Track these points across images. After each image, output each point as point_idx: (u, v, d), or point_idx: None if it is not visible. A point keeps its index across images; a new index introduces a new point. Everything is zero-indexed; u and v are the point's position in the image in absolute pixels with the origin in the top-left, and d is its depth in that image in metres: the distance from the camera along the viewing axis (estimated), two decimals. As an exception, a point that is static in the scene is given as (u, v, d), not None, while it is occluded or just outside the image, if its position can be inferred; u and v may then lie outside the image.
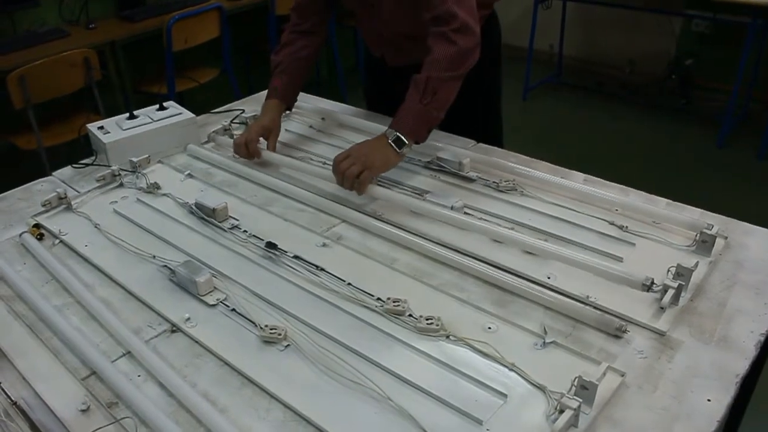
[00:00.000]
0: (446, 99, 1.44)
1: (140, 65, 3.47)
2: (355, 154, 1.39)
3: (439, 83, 1.40)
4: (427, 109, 1.41)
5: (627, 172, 1.88)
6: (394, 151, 1.40)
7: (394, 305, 1.06)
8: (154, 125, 1.64)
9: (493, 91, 1.88)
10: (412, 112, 1.42)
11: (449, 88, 1.43)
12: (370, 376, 0.93)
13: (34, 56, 2.78)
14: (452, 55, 1.40)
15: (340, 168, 1.37)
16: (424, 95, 1.40)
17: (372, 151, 1.40)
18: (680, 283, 1.05)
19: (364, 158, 1.37)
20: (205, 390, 0.94)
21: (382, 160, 1.40)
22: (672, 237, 1.24)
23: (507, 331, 1.03)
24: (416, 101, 1.41)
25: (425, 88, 1.40)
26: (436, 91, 1.40)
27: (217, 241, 1.29)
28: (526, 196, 1.40)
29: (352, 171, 1.35)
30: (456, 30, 1.40)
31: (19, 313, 1.12)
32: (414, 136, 1.43)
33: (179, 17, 3.19)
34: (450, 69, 1.41)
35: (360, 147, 1.42)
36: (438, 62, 1.40)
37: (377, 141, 1.42)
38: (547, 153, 1.64)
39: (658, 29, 4.31)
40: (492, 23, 1.78)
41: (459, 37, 1.40)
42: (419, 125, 1.43)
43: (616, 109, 4.28)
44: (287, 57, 1.69)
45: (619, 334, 1.00)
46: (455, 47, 1.40)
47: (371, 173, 1.37)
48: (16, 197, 1.51)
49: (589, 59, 4.77)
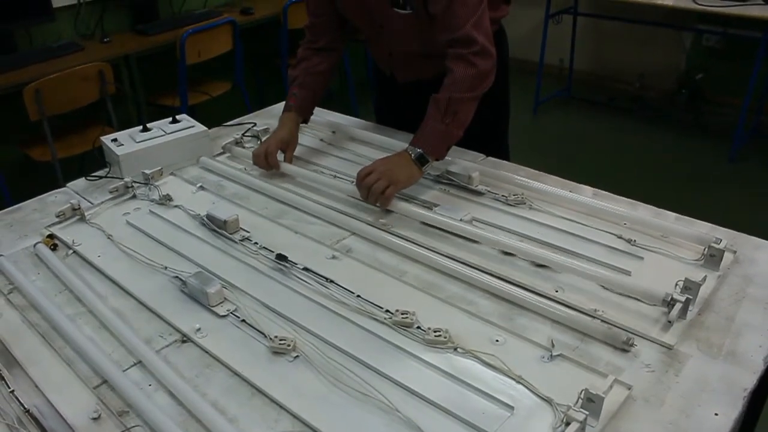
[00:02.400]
0: (466, 119, 1.48)
1: (154, 78, 3.52)
2: (380, 169, 1.42)
3: (459, 104, 1.45)
4: (448, 129, 1.46)
5: (637, 187, 1.89)
6: (417, 167, 1.44)
7: (403, 317, 1.07)
8: (166, 138, 1.67)
9: (500, 106, 1.89)
10: (433, 131, 1.46)
11: (468, 108, 1.48)
12: (378, 387, 0.94)
13: (50, 70, 2.82)
14: (473, 76, 1.45)
15: (366, 183, 1.40)
16: (445, 115, 1.45)
17: (396, 167, 1.43)
18: (688, 297, 1.06)
19: (389, 173, 1.40)
20: (214, 400, 0.95)
21: (406, 176, 1.43)
22: (680, 251, 1.25)
23: (514, 343, 1.04)
24: (438, 120, 1.45)
25: (446, 108, 1.44)
26: (456, 112, 1.45)
27: (228, 253, 1.30)
28: (534, 210, 1.41)
29: (378, 186, 1.39)
30: (475, 53, 1.45)
31: (32, 322, 1.14)
32: (435, 154, 1.47)
33: (193, 31, 3.24)
34: (470, 90, 1.46)
35: (384, 162, 1.44)
36: (459, 83, 1.45)
37: (400, 157, 1.46)
38: (557, 167, 1.64)
39: (668, 44, 4.32)
40: (500, 39, 1.80)
41: (478, 60, 1.45)
42: (440, 144, 1.48)
43: (626, 123, 4.28)
44: (303, 72, 1.73)
45: (627, 347, 1.01)
46: (475, 69, 1.45)
47: (396, 188, 1.41)
48: (31, 208, 1.54)
49: (600, 73, 4.79)
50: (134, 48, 3.28)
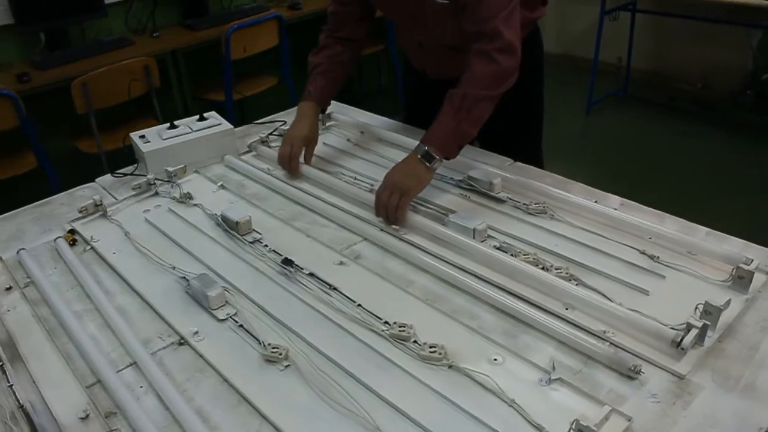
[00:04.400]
0: (480, 117, 1.41)
1: (201, 73, 3.57)
2: (388, 183, 1.37)
3: (474, 101, 1.38)
4: (460, 126, 1.39)
5: (689, 194, 1.78)
6: (424, 166, 1.38)
7: (400, 330, 1.04)
8: (192, 135, 1.68)
9: (534, 109, 1.83)
10: (444, 128, 1.40)
11: (485, 107, 1.41)
12: (365, 403, 0.91)
13: (100, 64, 2.90)
14: (492, 73, 1.39)
15: (380, 201, 1.36)
16: (459, 111, 1.38)
17: (403, 176, 1.38)
18: (705, 323, 0.98)
19: (399, 185, 1.35)
20: (200, 406, 0.95)
21: (415, 182, 1.38)
22: (707, 270, 1.17)
23: (513, 364, 0.99)
24: (450, 117, 1.39)
25: (461, 104, 1.38)
26: (471, 108, 1.38)
27: (238, 255, 1.30)
28: (555, 220, 1.35)
29: (392, 202, 1.34)
30: (499, 49, 1.38)
31: (41, 317, 1.16)
32: (444, 152, 1.41)
33: (238, 27, 3.26)
34: (488, 87, 1.39)
35: (391, 174, 1.40)
36: (477, 79, 1.39)
37: (406, 163, 1.41)
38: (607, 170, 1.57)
39: (733, 42, 4.11)
40: (535, 39, 1.73)
41: (502, 57, 1.38)
42: (451, 141, 1.41)
43: (686, 125, 4.09)
44: (326, 59, 1.69)
45: (632, 375, 0.95)
46: (496, 66, 1.38)
47: (408, 198, 1.36)
48: (59, 202, 1.57)
49: (659, 72, 4.60)
50: (182, 43, 3.34)
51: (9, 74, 2.98)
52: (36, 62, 3.08)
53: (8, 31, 3.14)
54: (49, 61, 3.09)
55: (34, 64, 3.08)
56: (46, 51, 3.24)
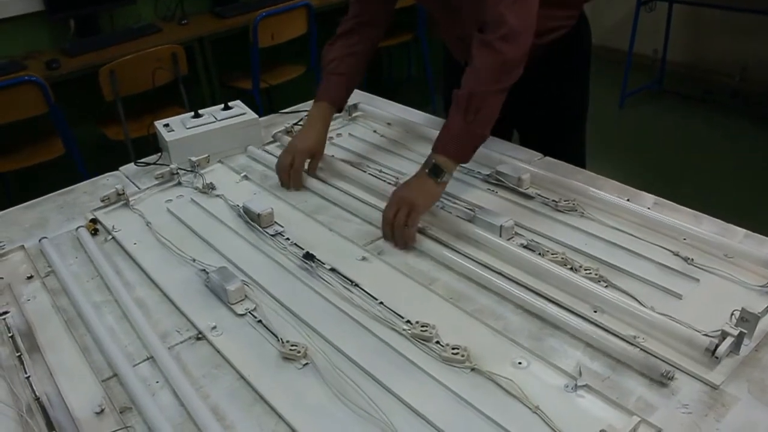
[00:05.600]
0: (491, 116, 1.31)
1: (229, 60, 3.56)
2: (395, 199, 1.29)
3: (482, 99, 1.28)
4: (470, 129, 1.30)
5: (726, 192, 1.71)
6: (434, 181, 1.29)
7: (422, 330, 1.01)
8: (216, 125, 1.66)
9: (577, 105, 1.73)
10: (455, 135, 1.30)
11: (493, 104, 1.30)
12: (383, 405, 0.89)
13: (127, 51, 2.91)
14: (495, 65, 1.27)
15: (386, 219, 1.28)
16: (467, 113, 1.28)
17: (410, 191, 1.29)
18: (741, 331, 0.94)
19: (407, 200, 1.27)
20: (216, 403, 0.93)
21: (423, 198, 1.29)
22: (744, 274, 1.12)
23: (538, 368, 0.95)
24: (459, 120, 1.29)
25: (467, 105, 1.28)
26: (479, 109, 1.28)
27: (259, 248, 1.28)
28: (586, 218, 1.30)
29: (399, 218, 1.25)
30: (502, 37, 1.26)
31: (60, 307, 1.16)
32: (458, 159, 1.32)
33: (266, 14, 3.25)
34: (493, 82, 1.28)
35: (398, 191, 1.32)
36: (480, 74, 1.29)
37: (415, 179, 1.32)
38: (641, 167, 1.51)
39: (775, 34, 3.98)
40: (581, 28, 1.63)
41: (505, 46, 1.26)
42: (463, 147, 1.32)
43: (723, 120, 3.97)
44: (341, 53, 1.60)
45: (664, 381, 0.91)
46: (499, 57, 1.27)
47: (417, 215, 1.26)
48: (82, 190, 1.57)
49: (695, 65, 4.48)
50: (210, 30, 3.33)
51: (39, 61, 3.01)
52: (65, 49, 3.11)
53: (38, 18, 3.17)
54: (78, 48, 3.11)
55: (63, 51, 3.10)
56: (76, 38, 3.26)
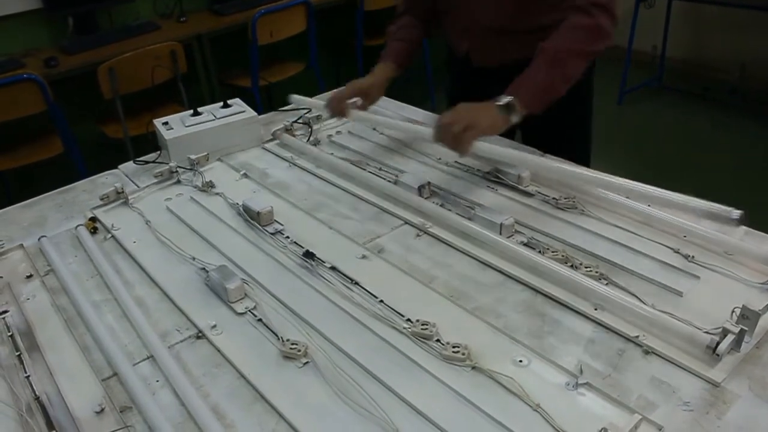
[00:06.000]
0: (573, 74, 1.35)
1: (228, 58, 3.56)
2: (456, 115, 1.32)
3: (569, 55, 1.33)
4: (552, 81, 1.33)
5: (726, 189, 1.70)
6: (501, 115, 1.32)
7: (422, 328, 1.01)
8: (216, 123, 1.65)
9: (585, 101, 1.74)
10: (534, 81, 1.34)
11: (578, 64, 1.35)
12: (384, 404, 0.89)
13: (126, 49, 2.91)
14: (589, 27, 1.33)
15: (442, 126, 1.31)
16: (552, 65, 1.32)
17: (477, 112, 1.32)
18: (742, 328, 0.94)
19: (469, 117, 1.30)
20: (216, 402, 0.93)
21: (488, 122, 1.31)
22: (745, 271, 1.11)
23: (539, 366, 0.95)
24: (542, 71, 1.33)
25: (554, 57, 1.32)
26: (565, 63, 1.33)
27: (259, 246, 1.28)
28: (586, 216, 1.30)
29: (455, 129, 1.29)
30: (596, 5, 1.32)
31: (60, 306, 1.15)
32: (529, 106, 1.33)
33: (265, 11, 3.24)
34: (583, 42, 1.33)
35: (466, 105, 1.34)
36: (573, 31, 1.33)
37: (485, 104, 1.34)
38: (640, 163, 1.50)
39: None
40: None
41: (598, 13, 1.33)
42: (539, 96, 1.34)
43: (722, 116, 3.97)
44: (399, 26, 1.71)
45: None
46: (593, 20, 1.33)
47: (476, 132, 1.30)
48: (81, 189, 1.56)
49: (695, 62, 4.48)
50: (208, 27, 3.33)
51: (37, 59, 3.00)
52: (64, 47, 3.10)
53: (37, 15, 3.16)
54: (77, 46, 3.10)
55: (61, 49, 3.09)
56: (74, 35, 3.25)
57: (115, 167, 1.65)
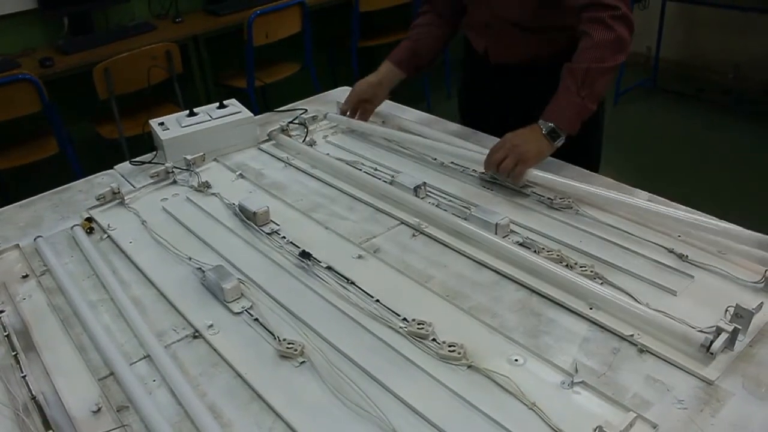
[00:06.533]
0: (602, 91, 1.39)
1: (223, 59, 3.55)
2: (508, 145, 1.36)
3: (597, 74, 1.35)
4: (584, 102, 1.37)
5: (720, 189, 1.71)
6: (548, 142, 1.37)
7: (418, 328, 1.01)
8: (212, 123, 1.66)
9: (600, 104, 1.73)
10: (569, 105, 1.37)
11: (606, 81, 1.38)
12: (381, 403, 0.89)
13: (121, 49, 2.90)
14: (611, 42, 1.35)
15: (494, 160, 1.36)
16: (582, 87, 1.35)
17: (525, 143, 1.36)
18: (736, 327, 0.94)
19: (517, 150, 1.34)
20: (213, 401, 0.93)
21: (535, 152, 1.36)
22: (738, 271, 1.12)
23: (534, 365, 0.96)
24: (573, 93, 1.36)
25: (584, 79, 1.35)
26: (594, 83, 1.35)
27: (255, 246, 1.28)
28: (580, 216, 1.31)
29: (506, 165, 1.35)
30: (615, 17, 1.34)
31: (56, 306, 1.15)
32: (570, 128, 1.38)
33: (260, 12, 3.24)
34: (608, 59, 1.35)
35: (513, 137, 1.38)
36: (597, 50, 1.35)
37: (531, 131, 1.38)
38: (634, 163, 1.51)
39: (766, 31, 3.99)
40: None
41: (617, 25, 1.35)
42: (575, 117, 1.38)
43: (716, 117, 3.99)
44: (418, 27, 1.72)
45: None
46: (614, 34, 1.34)
47: (525, 166, 1.35)
48: (77, 189, 1.57)
49: (689, 63, 4.49)
50: (204, 28, 3.33)
51: (32, 59, 3.00)
52: (59, 47, 3.10)
53: (32, 15, 3.16)
54: (72, 46, 3.10)
55: (57, 49, 3.09)
56: (70, 36, 3.25)
57: (111, 168, 1.65)
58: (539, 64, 1.39)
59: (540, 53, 1.46)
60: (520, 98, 1.50)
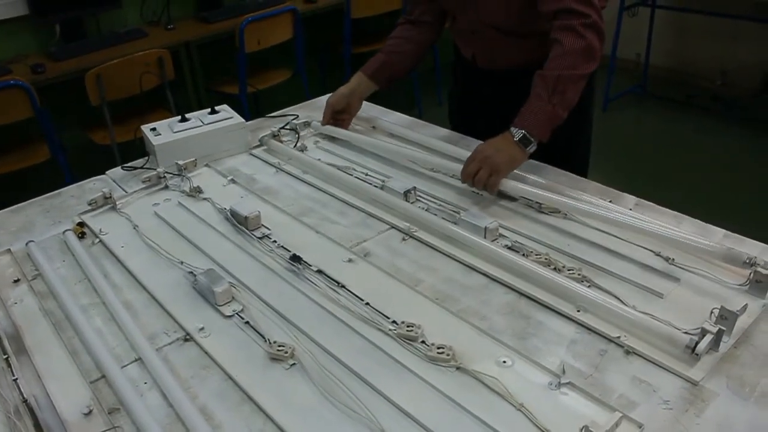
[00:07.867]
0: (573, 99, 1.39)
1: (215, 65, 3.56)
2: (480, 156, 1.37)
3: (568, 82, 1.36)
4: (555, 110, 1.38)
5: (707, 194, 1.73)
6: (520, 149, 1.37)
7: (408, 330, 1.02)
8: (203, 129, 1.66)
9: (585, 110, 1.73)
10: (540, 111, 1.38)
11: (577, 88, 1.39)
12: (370, 404, 0.90)
13: (113, 56, 2.91)
14: (582, 50, 1.36)
15: (468, 172, 1.38)
16: (553, 94, 1.36)
17: (497, 152, 1.37)
18: (720, 328, 0.96)
19: (489, 161, 1.35)
20: (204, 403, 0.94)
21: (507, 161, 1.37)
22: (723, 273, 1.14)
23: (522, 366, 0.97)
24: (544, 100, 1.37)
25: (555, 86, 1.36)
26: (565, 91, 1.37)
27: (246, 250, 1.29)
28: (569, 220, 1.32)
29: (481, 176, 1.36)
30: (586, 25, 1.36)
31: (48, 310, 1.16)
32: (541, 136, 1.39)
33: (252, 19, 3.25)
34: (579, 66, 1.37)
35: (485, 148, 1.39)
36: (568, 57, 1.36)
37: (503, 140, 1.39)
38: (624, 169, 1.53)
39: (755, 38, 4.04)
40: None
41: (589, 33, 1.36)
42: (546, 125, 1.39)
43: (704, 123, 4.02)
44: (393, 39, 1.74)
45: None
46: (585, 42, 1.36)
47: (498, 177, 1.36)
48: (69, 194, 1.57)
49: (678, 69, 4.54)
50: (196, 35, 3.33)
51: (24, 65, 3.00)
52: (51, 53, 3.10)
53: (24, 22, 3.16)
54: (64, 53, 3.10)
55: (49, 55, 3.09)
56: (61, 42, 3.25)
57: (103, 173, 1.65)
58: (527, 69, 1.41)
59: (527, 58, 1.48)
60: (509, 103, 1.51)
